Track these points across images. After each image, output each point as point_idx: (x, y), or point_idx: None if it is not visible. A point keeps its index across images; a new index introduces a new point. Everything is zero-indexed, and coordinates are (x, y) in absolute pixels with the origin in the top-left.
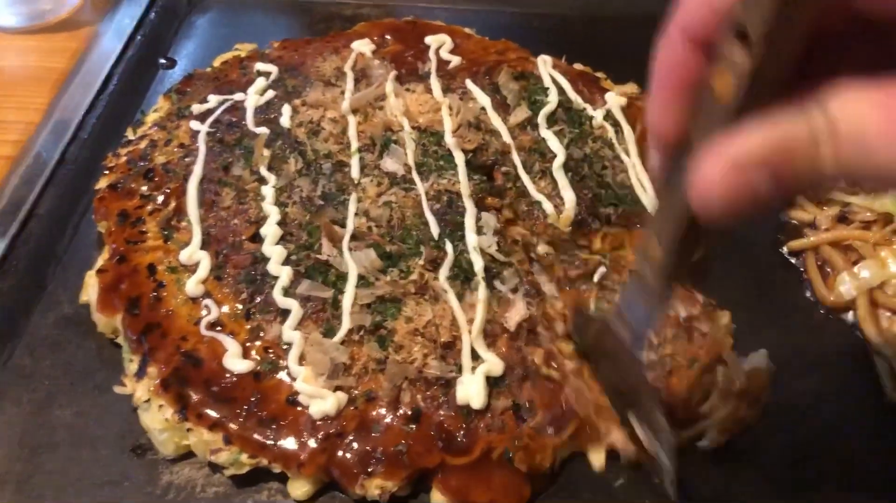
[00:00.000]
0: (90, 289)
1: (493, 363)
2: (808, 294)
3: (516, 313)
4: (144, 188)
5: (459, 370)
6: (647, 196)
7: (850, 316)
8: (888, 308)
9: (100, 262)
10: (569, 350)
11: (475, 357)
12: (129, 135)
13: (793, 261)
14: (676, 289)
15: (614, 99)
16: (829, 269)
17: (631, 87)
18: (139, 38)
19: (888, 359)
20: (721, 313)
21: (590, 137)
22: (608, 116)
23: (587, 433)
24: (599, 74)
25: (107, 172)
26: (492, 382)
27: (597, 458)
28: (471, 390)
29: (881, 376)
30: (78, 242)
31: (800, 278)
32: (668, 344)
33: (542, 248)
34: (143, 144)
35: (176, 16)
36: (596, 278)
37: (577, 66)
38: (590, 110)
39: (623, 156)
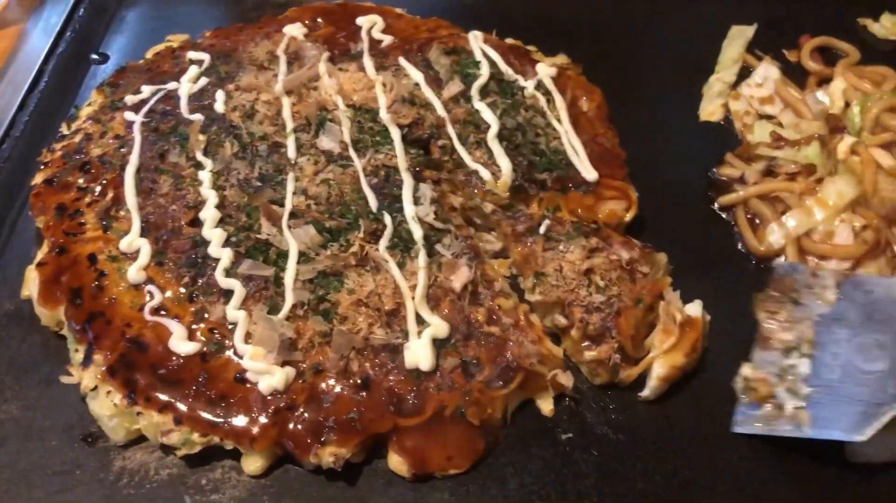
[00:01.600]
0: (31, 284)
1: (438, 325)
2: (739, 246)
3: (462, 275)
4: (81, 181)
5: (406, 336)
6: (580, 160)
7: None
8: (815, 254)
9: (39, 256)
10: (508, 305)
11: (420, 321)
12: (64, 130)
13: (723, 215)
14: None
15: (545, 69)
16: (758, 222)
17: (561, 58)
18: (69, 34)
19: None
20: (659, 255)
21: (522, 107)
22: (539, 86)
23: (534, 382)
24: (530, 48)
25: (42, 168)
26: (438, 344)
27: (545, 405)
28: (418, 353)
29: None
30: (15, 240)
31: (731, 232)
32: (613, 285)
33: (488, 207)
34: (77, 138)
35: (105, 11)
36: (542, 230)
37: (509, 41)
38: (521, 81)
39: (555, 123)
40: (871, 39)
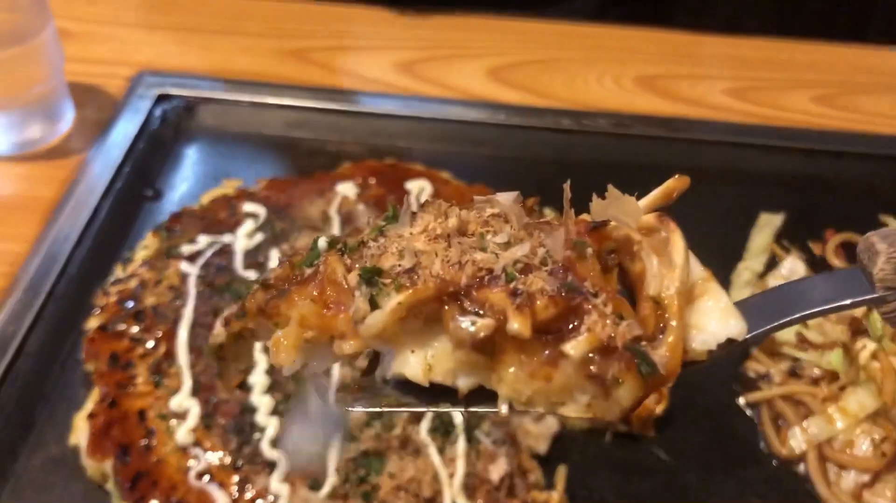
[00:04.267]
0: (80, 433)
1: None
2: (762, 445)
3: (500, 466)
4: (135, 330)
5: None
6: None
7: (801, 468)
8: (835, 463)
9: (89, 405)
10: (542, 499)
11: None
12: (119, 272)
13: (748, 412)
14: None
15: None
16: (780, 423)
17: None
18: (127, 169)
19: None
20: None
21: None
22: None
23: None
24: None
25: (97, 312)
26: None
27: None
28: None
29: None
30: (65, 380)
31: (755, 429)
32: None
33: None
34: (132, 284)
35: (163, 145)
36: None
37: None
38: None
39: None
40: None
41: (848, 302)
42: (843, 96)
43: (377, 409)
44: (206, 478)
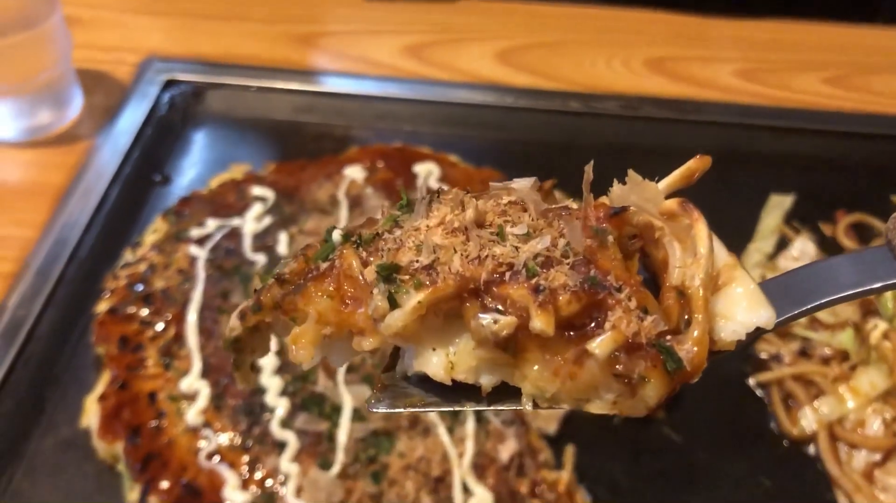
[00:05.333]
0: (91, 415)
1: (483, 497)
2: (772, 425)
3: (509, 446)
4: (144, 313)
5: None
6: None
7: (812, 448)
8: (846, 442)
9: (100, 388)
10: (552, 478)
11: (466, 490)
12: (129, 256)
13: (759, 393)
14: None
15: None
16: (790, 403)
17: None
18: (135, 154)
19: (847, 492)
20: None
21: None
22: None
23: None
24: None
25: (107, 295)
26: None
27: None
28: None
29: None
30: (75, 363)
31: (765, 410)
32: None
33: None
34: (142, 267)
35: (171, 131)
36: None
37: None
38: None
39: None
40: None
41: (878, 286)
42: (854, 77)
43: (400, 410)
44: (217, 458)
